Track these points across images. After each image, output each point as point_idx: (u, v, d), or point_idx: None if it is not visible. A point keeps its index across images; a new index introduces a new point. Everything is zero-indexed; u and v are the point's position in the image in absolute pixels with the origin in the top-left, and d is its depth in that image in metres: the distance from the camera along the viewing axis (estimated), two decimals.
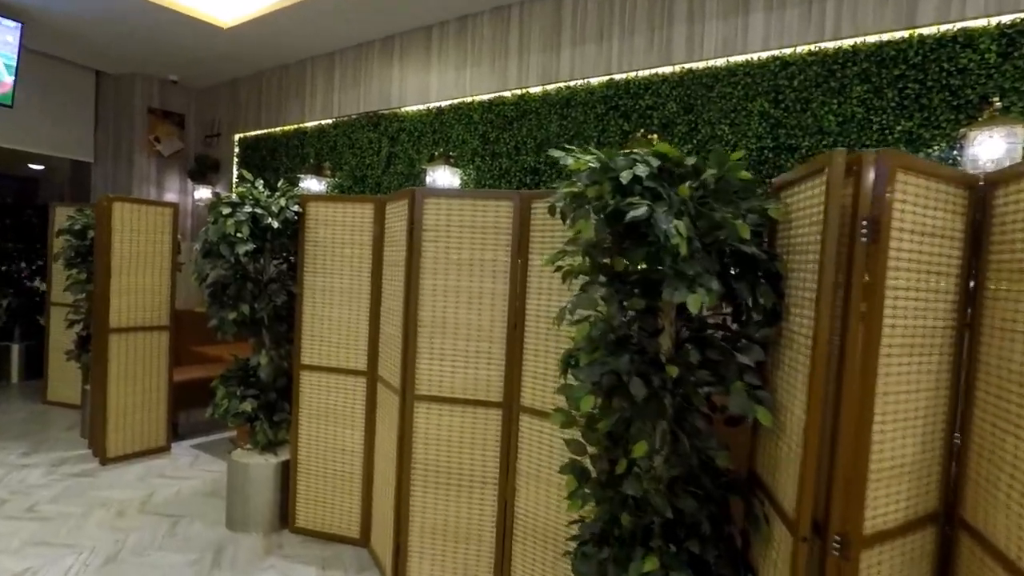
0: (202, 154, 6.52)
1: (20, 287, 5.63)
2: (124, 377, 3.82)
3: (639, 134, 3.49)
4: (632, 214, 1.38)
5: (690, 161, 1.51)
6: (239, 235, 2.71)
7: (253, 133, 6.12)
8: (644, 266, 1.51)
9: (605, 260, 1.64)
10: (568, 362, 1.66)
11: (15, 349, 5.76)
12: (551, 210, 1.74)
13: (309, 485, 2.96)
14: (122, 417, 3.83)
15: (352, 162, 5.17)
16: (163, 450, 4.06)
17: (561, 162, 1.63)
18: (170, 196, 6.57)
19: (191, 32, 5.02)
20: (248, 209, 2.78)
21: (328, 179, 5.33)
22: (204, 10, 4.72)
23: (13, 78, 4.88)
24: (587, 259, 1.65)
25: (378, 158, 4.99)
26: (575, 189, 1.56)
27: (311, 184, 5.25)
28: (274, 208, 2.82)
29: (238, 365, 3.09)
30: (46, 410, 4.91)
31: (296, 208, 2.87)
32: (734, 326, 1.67)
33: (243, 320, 2.86)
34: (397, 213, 2.60)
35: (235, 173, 6.31)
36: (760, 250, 1.50)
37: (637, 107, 3.59)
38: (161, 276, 3.98)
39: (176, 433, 4.34)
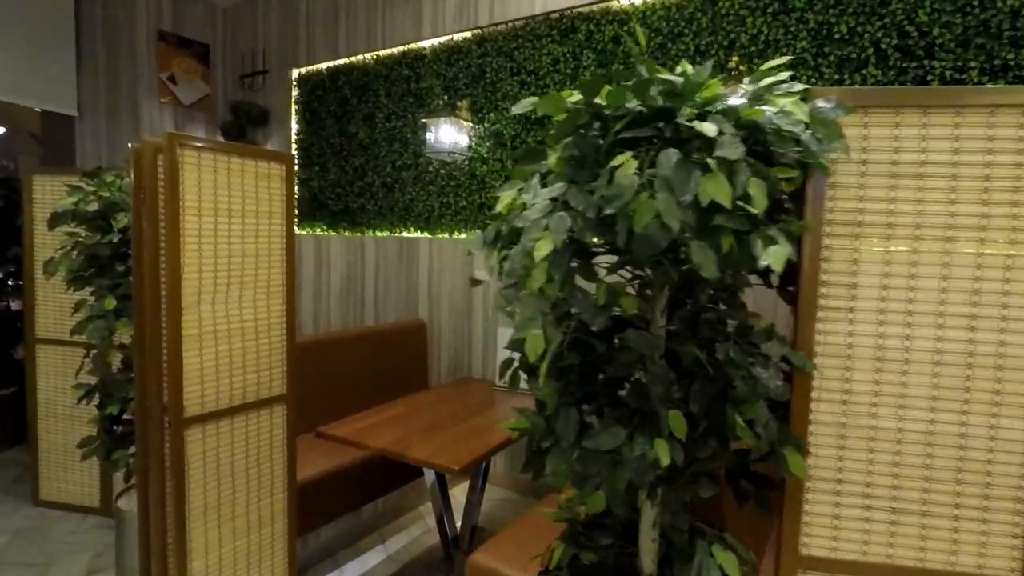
0: (241, 101, 4.47)
1: None
2: (217, 507, 1.92)
3: None
4: None
5: None
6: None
7: (323, 65, 4.11)
8: None
9: None
10: None
11: None
12: None
13: None
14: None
15: (517, 97, 3.24)
16: None
17: None
18: None
19: None
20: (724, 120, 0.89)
21: (469, 124, 3.40)
22: None
23: None
24: None
25: (570, 86, 3.08)
26: None
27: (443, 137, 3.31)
28: (783, 126, 0.94)
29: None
30: (39, 523, 2.91)
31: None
32: None
33: (658, 465, 1.00)
34: None
35: (295, 127, 4.30)
36: None
37: None
38: (269, 299, 2.05)
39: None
